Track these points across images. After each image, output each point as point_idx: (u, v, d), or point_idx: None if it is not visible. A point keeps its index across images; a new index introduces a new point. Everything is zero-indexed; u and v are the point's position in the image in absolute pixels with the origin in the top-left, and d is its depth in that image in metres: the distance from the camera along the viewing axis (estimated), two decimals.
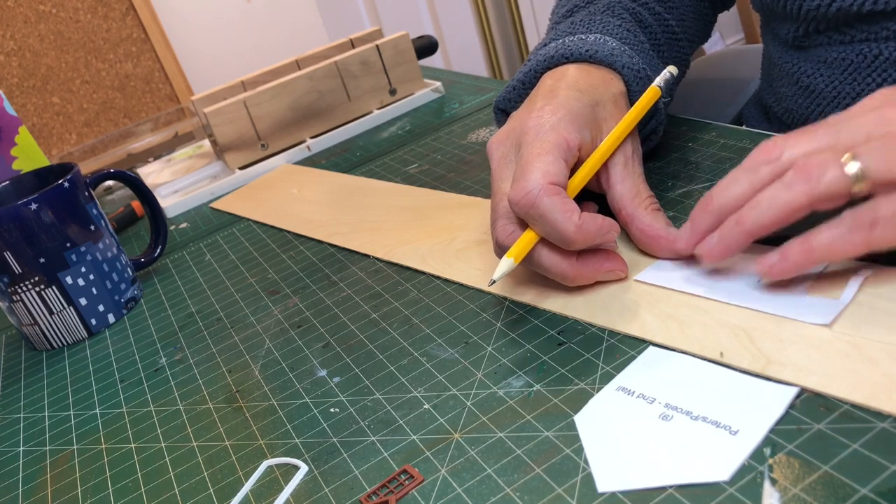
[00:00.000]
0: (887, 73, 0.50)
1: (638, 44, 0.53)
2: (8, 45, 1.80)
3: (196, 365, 0.49)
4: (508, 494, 0.31)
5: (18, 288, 0.55)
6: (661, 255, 0.42)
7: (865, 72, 0.51)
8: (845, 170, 0.33)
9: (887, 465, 0.27)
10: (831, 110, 0.54)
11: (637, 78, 0.49)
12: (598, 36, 0.51)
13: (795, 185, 0.34)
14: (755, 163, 0.37)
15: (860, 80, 0.52)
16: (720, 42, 2.57)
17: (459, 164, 0.66)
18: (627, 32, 0.53)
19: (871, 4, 0.48)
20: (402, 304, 0.48)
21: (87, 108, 1.92)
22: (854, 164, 0.33)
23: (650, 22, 0.57)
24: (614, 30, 0.52)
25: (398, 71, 0.87)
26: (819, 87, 0.55)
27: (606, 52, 0.49)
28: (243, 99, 0.80)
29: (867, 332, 0.32)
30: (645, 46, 0.53)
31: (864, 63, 0.51)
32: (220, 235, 0.69)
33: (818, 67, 0.54)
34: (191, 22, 1.98)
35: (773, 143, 0.37)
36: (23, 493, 0.42)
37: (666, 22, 0.58)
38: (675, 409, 0.32)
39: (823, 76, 0.54)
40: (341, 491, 0.34)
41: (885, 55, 0.50)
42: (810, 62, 0.55)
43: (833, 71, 0.53)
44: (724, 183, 0.38)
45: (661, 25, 0.58)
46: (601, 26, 0.53)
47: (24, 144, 0.72)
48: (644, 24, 0.57)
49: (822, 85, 0.54)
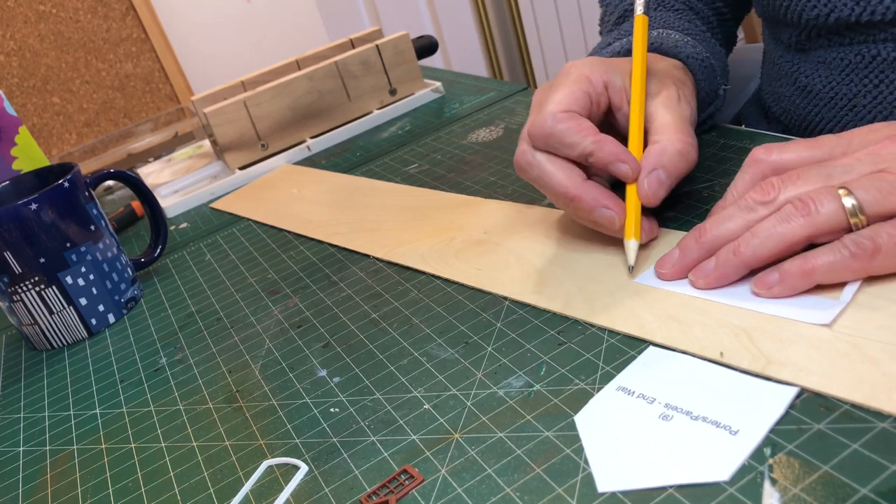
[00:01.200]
0: (884, 74, 0.51)
1: (699, 33, 0.54)
2: (8, 45, 1.80)
3: (196, 365, 0.49)
4: (508, 494, 0.31)
5: (18, 288, 0.55)
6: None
7: (863, 72, 0.52)
8: (843, 201, 0.34)
9: (887, 465, 0.27)
10: (828, 111, 0.55)
11: (702, 67, 0.50)
12: (659, 31, 0.52)
13: (794, 219, 0.35)
14: (751, 201, 0.37)
15: (857, 81, 0.52)
16: None
17: (459, 164, 0.66)
18: (687, 23, 0.54)
19: (868, 15, 0.49)
20: (402, 304, 0.48)
21: (87, 108, 1.92)
22: (850, 199, 0.34)
23: (700, 8, 0.59)
24: (675, 22, 0.54)
25: (398, 71, 0.87)
26: (817, 88, 0.55)
27: (671, 45, 0.50)
28: (243, 99, 0.80)
29: (867, 332, 0.32)
30: (705, 35, 0.55)
31: (862, 63, 0.51)
32: (220, 235, 0.69)
33: (816, 68, 0.55)
34: (191, 22, 1.98)
35: (769, 183, 0.37)
36: (23, 493, 0.42)
37: (714, 4, 0.61)
38: (676, 409, 0.32)
39: (821, 76, 0.54)
40: (341, 491, 0.34)
41: (883, 55, 0.50)
42: (809, 63, 0.55)
43: (831, 71, 0.54)
44: (719, 218, 0.38)
45: (710, 9, 0.60)
46: (661, 21, 0.54)
47: (24, 144, 0.72)
48: (696, 11, 0.58)
49: (820, 85, 0.55)
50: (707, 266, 0.38)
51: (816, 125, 0.56)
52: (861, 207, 0.34)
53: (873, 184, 0.34)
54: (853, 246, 0.34)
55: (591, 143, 0.41)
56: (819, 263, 0.34)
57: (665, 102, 0.44)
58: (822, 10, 0.51)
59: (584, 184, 0.42)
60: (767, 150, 0.39)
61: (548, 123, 0.42)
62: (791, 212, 0.35)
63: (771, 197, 0.37)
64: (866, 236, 0.33)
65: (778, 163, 0.38)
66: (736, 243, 0.37)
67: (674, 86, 0.46)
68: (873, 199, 0.34)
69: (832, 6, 0.50)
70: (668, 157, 0.42)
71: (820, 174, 0.36)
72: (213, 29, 2.01)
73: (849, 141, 0.37)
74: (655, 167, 0.42)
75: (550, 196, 0.44)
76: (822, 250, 0.34)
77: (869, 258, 0.33)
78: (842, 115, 0.54)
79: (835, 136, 0.38)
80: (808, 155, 0.38)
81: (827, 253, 0.34)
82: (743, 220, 0.37)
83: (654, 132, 0.43)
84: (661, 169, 0.42)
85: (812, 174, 0.36)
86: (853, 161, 0.36)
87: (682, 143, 0.42)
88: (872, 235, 0.33)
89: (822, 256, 0.34)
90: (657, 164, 0.42)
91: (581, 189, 0.42)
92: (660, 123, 0.43)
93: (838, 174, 0.36)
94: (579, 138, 0.41)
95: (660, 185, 0.42)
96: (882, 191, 0.33)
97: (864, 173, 0.35)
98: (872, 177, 0.34)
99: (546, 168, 0.43)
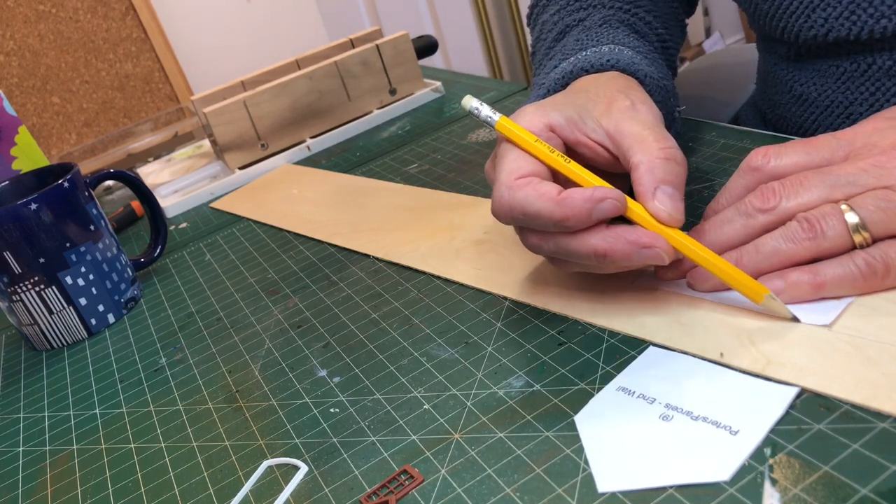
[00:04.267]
0: (881, 83, 0.50)
1: (647, 53, 0.50)
2: (8, 45, 1.80)
3: (196, 365, 0.49)
4: (508, 495, 0.31)
5: (18, 288, 0.55)
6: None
7: (859, 80, 0.51)
8: (846, 217, 0.34)
9: (887, 466, 0.27)
10: (824, 119, 0.54)
11: (658, 87, 0.45)
12: (611, 46, 0.47)
13: (800, 240, 0.35)
14: (750, 207, 0.37)
15: (853, 90, 0.52)
16: (720, 42, 2.57)
17: (459, 164, 0.66)
18: (636, 41, 0.50)
19: (866, 34, 0.48)
20: (402, 304, 0.48)
21: (87, 108, 1.92)
22: (853, 215, 0.34)
23: (645, 31, 0.54)
24: (624, 39, 0.49)
25: (398, 71, 0.87)
26: (812, 96, 0.55)
27: (627, 61, 0.45)
28: (243, 99, 0.80)
29: (867, 332, 0.32)
30: (654, 56, 0.50)
31: (858, 72, 0.51)
32: (220, 235, 0.69)
33: (812, 76, 0.54)
34: (191, 22, 1.98)
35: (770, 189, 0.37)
36: (22, 493, 0.42)
37: (656, 30, 0.56)
38: (676, 409, 0.32)
39: (817, 85, 0.54)
40: (341, 491, 0.34)
41: (879, 64, 0.50)
42: (804, 72, 0.55)
43: (826, 80, 0.53)
44: (718, 220, 0.38)
45: (654, 34, 0.56)
46: (610, 38, 0.49)
47: (23, 144, 0.72)
48: (641, 34, 0.53)
49: (815, 94, 0.54)
50: (705, 272, 0.37)
51: (814, 133, 0.56)
52: (865, 225, 0.34)
53: (879, 203, 0.33)
54: (864, 265, 0.33)
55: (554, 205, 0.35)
56: (829, 279, 0.34)
57: (622, 115, 0.39)
58: (819, 30, 0.50)
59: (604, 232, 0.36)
60: (765, 155, 0.38)
61: (505, 199, 0.37)
62: (797, 231, 0.35)
63: (771, 205, 0.36)
64: (878, 257, 0.33)
65: (776, 170, 0.38)
66: (738, 254, 0.36)
67: (620, 94, 0.41)
68: (879, 220, 0.33)
69: (829, 26, 0.49)
70: (661, 171, 0.36)
71: (823, 183, 0.35)
72: (213, 29, 2.01)
73: (850, 142, 0.37)
74: (655, 186, 0.36)
75: (577, 264, 0.38)
76: (832, 265, 0.34)
77: (880, 279, 0.33)
78: (838, 122, 0.53)
79: (833, 137, 0.37)
80: (807, 160, 0.37)
81: (836, 267, 0.34)
82: (741, 226, 0.37)
83: (626, 151, 0.38)
84: (662, 185, 0.36)
85: (814, 182, 0.36)
86: (858, 172, 0.35)
87: (664, 150, 0.37)
88: (884, 256, 0.33)
89: (831, 270, 0.34)
90: (654, 183, 0.36)
91: (606, 240, 0.35)
92: (629, 141, 0.38)
93: (842, 185, 0.35)
94: (541, 203, 0.35)
95: (672, 199, 0.36)
96: (888, 212, 0.33)
97: (870, 187, 0.34)
98: (878, 195, 0.34)
99: (559, 242, 0.37)
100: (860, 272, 0.34)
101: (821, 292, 0.34)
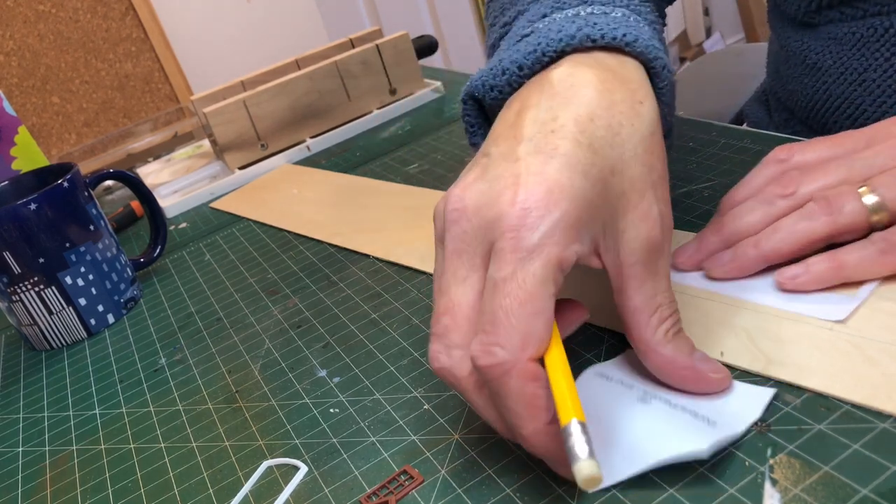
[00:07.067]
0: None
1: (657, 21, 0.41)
2: (7, 45, 1.80)
3: (196, 365, 0.49)
4: (508, 495, 0.31)
5: (18, 288, 0.55)
6: (689, 388, 0.32)
7: (874, 46, 0.51)
8: (863, 200, 0.34)
9: (888, 466, 0.27)
10: (836, 87, 0.54)
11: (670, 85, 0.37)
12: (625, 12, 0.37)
13: (817, 216, 0.35)
14: (770, 194, 0.37)
15: (868, 55, 0.51)
16: (720, 41, 2.57)
17: (459, 164, 0.66)
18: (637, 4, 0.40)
19: None
20: (402, 304, 0.48)
21: (87, 108, 1.92)
22: (871, 196, 0.34)
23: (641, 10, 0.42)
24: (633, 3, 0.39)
25: (398, 71, 0.87)
26: (826, 64, 0.54)
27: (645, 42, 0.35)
28: (243, 99, 0.80)
29: (868, 332, 0.32)
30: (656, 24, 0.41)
31: (874, 37, 0.50)
32: (219, 235, 0.69)
33: (827, 44, 0.54)
34: (191, 22, 1.98)
35: (789, 176, 0.37)
36: (22, 493, 0.42)
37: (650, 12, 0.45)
38: (654, 396, 0.32)
39: (832, 52, 0.53)
40: (341, 491, 0.34)
41: None
42: (819, 39, 0.54)
43: (842, 47, 0.53)
44: (739, 210, 0.38)
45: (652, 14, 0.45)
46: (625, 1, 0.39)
47: (23, 144, 0.72)
48: None
49: (830, 61, 0.54)
50: (723, 257, 0.38)
51: (823, 104, 0.55)
52: (884, 204, 0.34)
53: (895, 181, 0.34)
54: (882, 242, 0.34)
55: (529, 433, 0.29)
56: (848, 259, 0.34)
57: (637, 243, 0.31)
58: None
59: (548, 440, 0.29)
60: (789, 150, 0.39)
61: (505, 369, 0.28)
62: (813, 209, 0.35)
63: (791, 190, 0.37)
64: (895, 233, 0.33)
65: (799, 164, 0.38)
66: (756, 237, 0.36)
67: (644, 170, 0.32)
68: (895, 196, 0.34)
69: None
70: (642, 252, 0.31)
71: (840, 166, 0.36)
72: (213, 29, 2.01)
73: (872, 136, 0.37)
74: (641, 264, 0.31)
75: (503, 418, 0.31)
76: (851, 247, 0.34)
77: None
78: (850, 90, 0.53)
79: (856, 131, 0.38)
80: (831, 154, 0.38)
81: (856, 249, 0.34)
82: (763, 214, 0.37)
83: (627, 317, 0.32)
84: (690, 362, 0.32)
85: (832, 167, 0.36)
86: (873, 154, 0.36)
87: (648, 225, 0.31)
88: None
89: (851, 252, 0.34)
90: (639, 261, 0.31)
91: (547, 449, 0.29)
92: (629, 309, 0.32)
93: (858, 167, 0.36)
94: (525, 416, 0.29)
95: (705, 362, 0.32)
96: None
97: (885, 168, 0.35)
98: (894, 173, 0.34)
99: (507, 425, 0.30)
100: (878, 250, 0.33)
101: (840, 274, 0.34)
